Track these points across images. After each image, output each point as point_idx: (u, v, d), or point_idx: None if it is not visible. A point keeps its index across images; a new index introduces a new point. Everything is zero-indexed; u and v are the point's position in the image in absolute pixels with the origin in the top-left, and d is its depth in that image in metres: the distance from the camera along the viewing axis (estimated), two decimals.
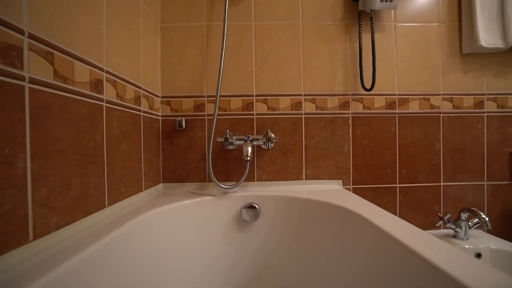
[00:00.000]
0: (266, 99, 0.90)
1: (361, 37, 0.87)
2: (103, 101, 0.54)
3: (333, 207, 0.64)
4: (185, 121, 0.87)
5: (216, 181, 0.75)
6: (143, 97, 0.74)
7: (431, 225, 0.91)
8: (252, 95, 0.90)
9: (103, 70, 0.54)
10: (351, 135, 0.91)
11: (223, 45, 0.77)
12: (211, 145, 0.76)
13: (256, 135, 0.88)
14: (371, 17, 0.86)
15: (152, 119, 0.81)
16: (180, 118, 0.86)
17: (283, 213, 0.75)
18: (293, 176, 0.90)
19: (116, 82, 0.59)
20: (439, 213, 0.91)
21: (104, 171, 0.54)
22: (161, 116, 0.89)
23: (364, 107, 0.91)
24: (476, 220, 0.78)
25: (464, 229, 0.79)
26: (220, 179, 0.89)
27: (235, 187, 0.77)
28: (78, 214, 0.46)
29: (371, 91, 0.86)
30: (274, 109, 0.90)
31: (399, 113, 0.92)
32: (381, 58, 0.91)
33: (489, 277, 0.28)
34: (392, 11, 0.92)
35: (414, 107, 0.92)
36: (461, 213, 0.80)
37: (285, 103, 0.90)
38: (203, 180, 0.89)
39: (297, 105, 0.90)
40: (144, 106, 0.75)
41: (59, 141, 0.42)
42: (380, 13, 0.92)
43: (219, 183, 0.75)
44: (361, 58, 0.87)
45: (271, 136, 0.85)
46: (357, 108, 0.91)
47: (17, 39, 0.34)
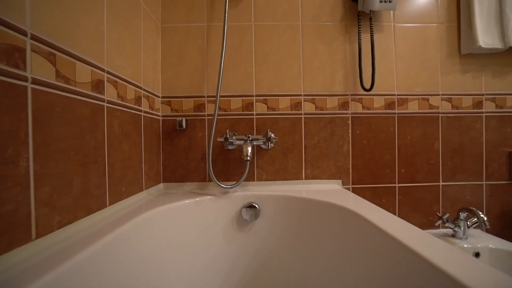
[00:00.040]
0: (266, 99, 0.90)
1: (361, 37, 0.88)
2: (104, 101, 0.54)
3: (333, 206, 0.65)
4: (185, 121, 0.88)
5: (216, 180, 0.75)
6: (143, 97, 0.75)
7: (430, 225, 0.92)
8: (252, 95, 0.90)
9: (104, 70, 0.55)
10: (350, 135, 0.92)
11: (223, 46, 0.78)
12: (211, 145, 0.77)
13: (256, 135, 0.88)
14: (371, 18, 0.86)
15: (152, 119, 0.82)
16: (180, 118, 0.87)
17: (283, 212, 0.75)
18: (293, 175, 0.91)
19: (117, 82, 0.60)
20: (438, 213, 0.91)
21: (105, 170, 0.54)
22: (162, 116, 0.89)
23: (363, 107, 0.92)
24: (474, 219, 0.78)
25: (462, 228, 0.80)
26: (220, 179, 0.90)
27: (235, 187, 0.78)
28: (79, 213, 0.46)
29: (371, 91, 0.87)
30: (274, 109, 0.90)
31: (398, 113, 0.92)
32: (380, 58, 0.92)
33: (488, 277, 0.28)
34: (391, 11, 0.92)
35: (413, 107, 0.92)
36: (460, 213, 0.80)
37: (284, 103, 0.91)
38: (203, 179, 0.90)
39: (297, 105, 0.91)
40: (144, 106, 0.75)
41: (61, 141, 0.42)
42: (379, 13, 0.92)
43: (219, 183, 0.76)
44: (360, 58, 0.88)
45: (271, 136, 0.86)
46: (356, 108, 0.92)
47: (20, 41, 0.35)
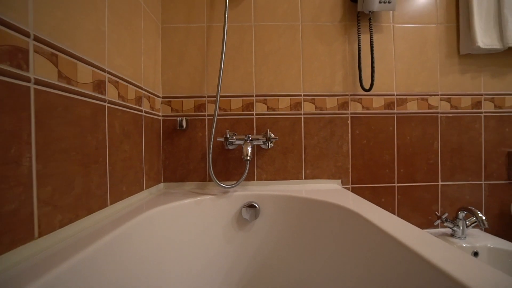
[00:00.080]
0: (266, 99, 0.91)
1: (360, 38, 0.88)
2: (105, 101, 0.55)
3: (332, 206, 0.65)
4: (186, 121, 0.88)
5: (216, 180, 0.76)
6: (144, 97, 0.75)
7: (429, 224, 0.92)
8: (252, 96, 0.91)
9: (105, 71, 0.55)
10: (350, 135, 0.92)
11: (223, 46, 0.78)
12: (211, 145, 0.77)
13: (256, 135, 0.89)
14: (370, 18, 0.86)
15: (153, 119, 0.82)
16: (180, 118, 0.87)
17: (283, 212, 0.75)
18: (293, 175, 0.91)
19: (118, 82, 0.60)
20: (437, 212, 0.92)
21: (106, 170, 0.55)
22: (162, 116, 0.90)
23: (363, 107, 0.92)
24: (473, 219, 0.79)
25: (461, 228, 0.80)
26: (220, 179, 0.90)
27: (235, 187, 0.78)
28: (81, 212, 0.47)
29: (370, 91, 0.87)
30: (273, 109, 0.91)
31: (397, 113, 0.93)
32: (380, 58, 0.92)
33: (488, 277, 0.28)
34: (390, 12, 0.93)
35: (412, 107, 0.93)
36: (459, 212, 0.81)
37: (284, 103, 0.91)
38: (204, 179, 0.90)
39: (297, 105, 0.91)
40: (145, 106, 0.76)
41: (63, 141, 0.43)
42: (378, 14, 0.92)
43: (219, 183, 0.76)
44: (360, 58, 0.88)
45: (271, 136, 0.86)
46: (356, 108, 0.92)
47: (23, 42, 0.35)
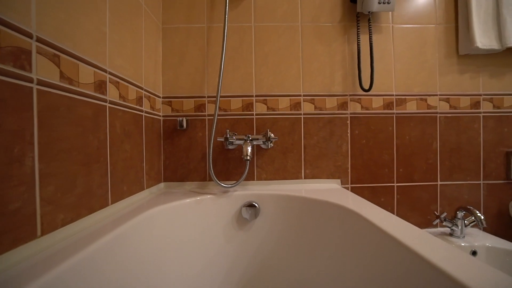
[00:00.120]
0: (265, 100, 0.91)
1: (359, 38, 0.88)
2: (106, 101, 0.55)
3: (332, 205, 0.66)
4: (186, 121, 0.89)
5: (216, 180, 0.76)
6: (144, 97, 0.76)
7: (428, 224, 0.93)
8: (252, 96, 0.91)
9: (106, 71, 0.55)
10: (349, 135, 0.93)
11: (223, 47, 0.78)
12: (211, 145, 0.78)
13: (255, 135, 0.89)
14: (369, 19, 0.87)
15: (153, 119, 0.83)
16: (181, 118, 0.88)
17: (283, 211, 0.76)
18: (292, 175, 0.92)
19: (118, 83, 0.61)
20: (435, 212, 0.92)
21: (107, 170, 0.55)
22: (162, 116, 0.90)
23: (362, 108, 0.93)
24: (472, 218, 0.79)
25: (460, 227, 0.81)
26: (220, 178, 0.91)
27: (235, 186, 0.79)
28: (82, 211, 0.47)
29: (369, 91, 0.88)
30: (273, 109, 0.91)
31: (396, 113, 0.93)
32: (379, 59, 0.93)
33: (488, 277, 0.29)
34: (389, 12, 0.93)
35: (411, 108, 0.93)
36: (457, 212, 0.81)
37: (284, 104, 0.91)
38: (204, 179, 0.91)
39: (296, 106, 0.92)
40: (145, 106, 0.76)
41: (65, 141, 0.43)
42: (377, 14, 0.93)
43: (219, 182, 0.77)
44: (359, 59, 0.89)
45: (271, 136, 0.87)
46: (355, 108, 0.93)
47: (26, 43, 0.36)
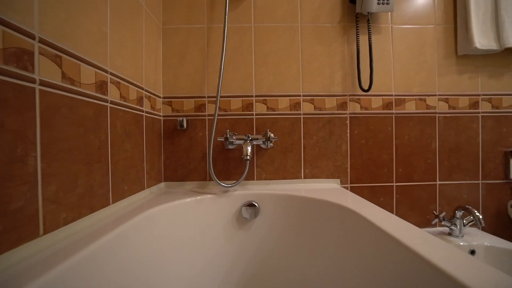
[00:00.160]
0: (265, 100, 0.92)
1: (359, 39, 0.89)
2: (107, 101, 0.56)
3: (331, 205, 0.66)
4: (186, 121, 0.89)
5: (216, 179, 0.77)
6: (145, 97, 0.76)
7: (427, 223, 0.93)
8: (251, 96, 0.92)
9: (107, 71, 0.56)
10: (348, 135, 0.93)
11: (224, 47, 0.79)
12: (211, 145, 0.78)
13: (255, 135, 0.90)
14: (368, 19, 0.87)
15: (154, 119, 0.83)
16: (181, 118, 0.88)
17: (282, 211, 0.76)
18: (292, 175, 0.92)
19: (119, 83, 0.61)
20: (434, 211, 0.93)
21: (108, 169, 0.56)
22: (163, 116, 0.91)
23: (361, 108, 0.93)
24: (470, 218, 0.79)
25: (459, 227, 0.81)
26: (220, 178, 0.91)
27: (235, 186, 0.79)
28: (84, 210, 0.48)
29: (369, 91, 0.88)
30: (273, 110, 0.92)
31: (395, 113, 0.94)
32: (378, 59, 0.93)
33: (488, 277, 0.29)
34: (388, 13, 0.94)
35: (410, 108, 0.94)
36: (456, 211, 0.82)
37: (284, 104, 0.92)
38: (204, 179, 0.91)
39: (296, 106, 0.92)
40: (146, 106, 0.77)
41: (67, 141, 0.43)
42: (377, 15, 0.93)
43: (219, 182, 0.77)
44: (358, 59, 0.89)
45: (270, 136, 0.87)
46: (354, 108, 0.93)
47: (29, 44, 0.36)
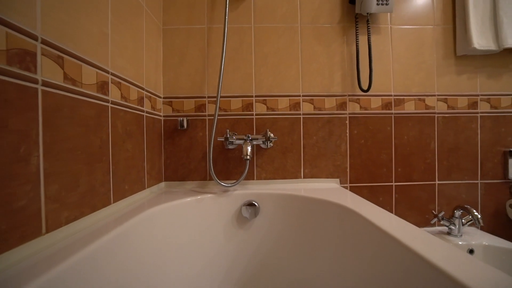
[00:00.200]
0: (265, 100, 0.92)
1: (358, 39, 0.89)
2: (108, 102, 0.56)
3: (331, 205, 0.66)
4: (187, 121, 0.90)
5: (216, 179, 0.77)
6: (146, 98, 0.77)
7: (426, 223, 0.94)
8: (251, 96, 0.92)
9: (108, 72, 0.56)
10: (348, 135, 0.94)
11: (224, 47, 0.79)
12: (211, 145, 0.79)
13: (255, 134, 0.90)
14: (368, 20, 0.88)
15: (154, 119, 0.84)
16: (181, 118, 0.88)
17: (282, 210, 0.77)
18: (292, 174, 0.92)
19: (120, 83, 0.61)
20: (433, 211, 0.93)
21: (109, 169, 0.56)
22: (163, 116, 0.91)
23: (361, 108, 0.94)
24: (469, 217, 0.80)
25: (457, 226, 0.82)
26: (220, 178, 0.92)
27: (235, 185, 0.79)
28: (85, 209, 0.48)
29: (368, 92, 0.88)
30: (273, 110, 0.92)
31: (395, 114, 0.94)
32: (378, 60, 0.93)
33: (488, 276, 0.29)
34: (388, 14, 0.94)
35: (409, 108, 0.94)
36: (455, 211, 0.82)
37: (284, 104, 0.92)
38: (204, 178, 0.92)
39: (296, 106, 0.92)
40: (147, 106, 0.77)
41: (69, 140, 0.44)
42: (376, 16, 0.94)
43: (219, 182, 0.77)
44: (358, 60, 0.90)
45: (270, 135, 0.88)
46: (354, 108, 0.94)
47: (31, 45, 0.36)
